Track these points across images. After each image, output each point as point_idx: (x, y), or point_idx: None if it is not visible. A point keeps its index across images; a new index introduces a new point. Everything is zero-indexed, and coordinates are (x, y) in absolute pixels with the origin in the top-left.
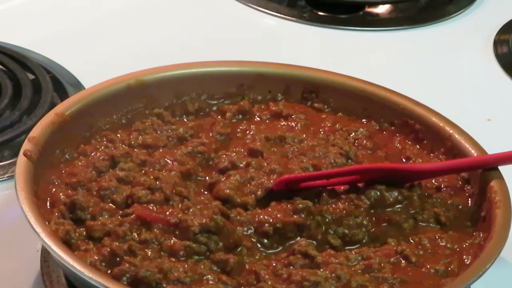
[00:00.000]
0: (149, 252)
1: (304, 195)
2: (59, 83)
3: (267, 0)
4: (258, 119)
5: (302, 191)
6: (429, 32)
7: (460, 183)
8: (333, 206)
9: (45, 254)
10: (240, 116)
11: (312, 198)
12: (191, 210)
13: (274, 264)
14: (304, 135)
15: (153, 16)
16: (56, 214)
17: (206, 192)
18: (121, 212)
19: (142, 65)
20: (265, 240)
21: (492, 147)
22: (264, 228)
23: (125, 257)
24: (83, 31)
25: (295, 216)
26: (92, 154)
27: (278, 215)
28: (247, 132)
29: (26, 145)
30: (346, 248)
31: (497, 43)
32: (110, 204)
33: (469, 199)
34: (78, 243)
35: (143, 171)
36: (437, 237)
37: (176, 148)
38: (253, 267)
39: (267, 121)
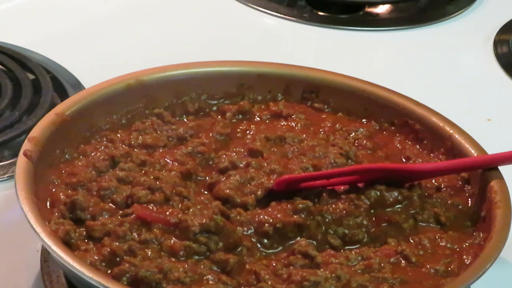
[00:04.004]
0: (149, 252)
1: (304, 195)
2: (59, 83)
3: (267, 0)
4: (258, 119)
5: (302, 191)
6: (429, 32)
7: (460, 183)
8: (333, 206)
9: (45, 254)
10: (240, 116)
11: (312, 198)
12: (191, 210)
13: (274, 264)
14: (304, 135)
15: (153, 17)
16: (56, 214)
17: (206, 192)
18: (121, 212)
19: (142, 65)
20: (265, 240)
21: (492, 147)
22: (264, 228)
23: (125, 257)
24: (83, 31)
25: (295, 216)
26: (92, 154)
27: (278, 215)
28: (247, 132)
29: (26, 145)
30: (346, 248)
31: (497, 43)
32: (110, 204)
33: (469, 199)
34: (78, 243)
35: (143, 171)
36: (437, 237)
37: (176, 148)
38: (253, 267)
39: (267, 121)
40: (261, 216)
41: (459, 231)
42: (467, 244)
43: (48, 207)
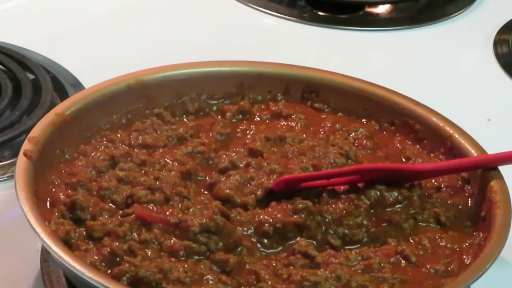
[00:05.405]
0: (149, 252)
1: (304, 195)
2: (59, 83)
3: (267, 0)
4: (258, 119)
5: (302, 191)
6: (429, 32)
7: (460, 183)
8: (333, 206)
9: (45, 254)
10: (240, 116)
11: (312, 198)
12: (191, 210)
13: (274, 264)
14: (304, 135)
15: (153, 17)
16: (56, 214)
17: (206, 192)
18: (121, 212)
19: (142, 65)
20: (265, 240)
21: (492, 147)
22: (264, 228)
23: (125, 257)
24: (83, 31)
25: (295, 216)
26: (92, 154)
27: (278, 215)
28: (247, 132)
29: (26, 145)
30: (346, 248)
31: (497, 43)
32: (110, 204)
33: (469, 199)
34: (78, 243)
35: (143, 171)
36: (437, 237)
37: (176, 148)
38: (253, 267)
39: (267, 121)
40: (261, 216)
41: (459, 231)
42: (467, 244)
43: (48, 207)
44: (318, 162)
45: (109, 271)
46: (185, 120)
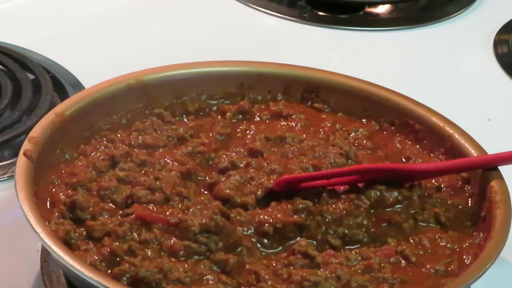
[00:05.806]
0: (149, 252)
1: (304, 195)
2: (59, 83)
3: (267, 0)
4: (258, 119)
5: (302, 191)
6: (429, 32)
7: (460, 183)
8: (333, 206)
9: (45, 254)
10: (240, 116)
11: (312, 198)
12: (191, 210)
13: (274, 264)
14: (304, 135)
15: (153, 17)
16: (56, 214)
17: (206, 192)
18: (121, 212)
19: (142, 65)
20: (265, 240)
21: (492, 147)
22: (264, 228)
23: (125, 257)
24: (83, 31)
25: (295, 216)
26: (92, 154)
27: (278, 215)
28: (247, 132)
29: (26, 145)
30: (346, 248)
31: (497, 43)
32: (110, 204)
33: (469, 199)
34: (78, 243)
35: (143, 171)
36: (437, 237)
37: (176, 148)
38: (253, 267)
39: (267, 121)
40: (261, 216)
41: (459, 231)
42: (467, 244)
43: (48, 207)
44: (318, 162)
45: (109, 271)
46: (185, 120)
